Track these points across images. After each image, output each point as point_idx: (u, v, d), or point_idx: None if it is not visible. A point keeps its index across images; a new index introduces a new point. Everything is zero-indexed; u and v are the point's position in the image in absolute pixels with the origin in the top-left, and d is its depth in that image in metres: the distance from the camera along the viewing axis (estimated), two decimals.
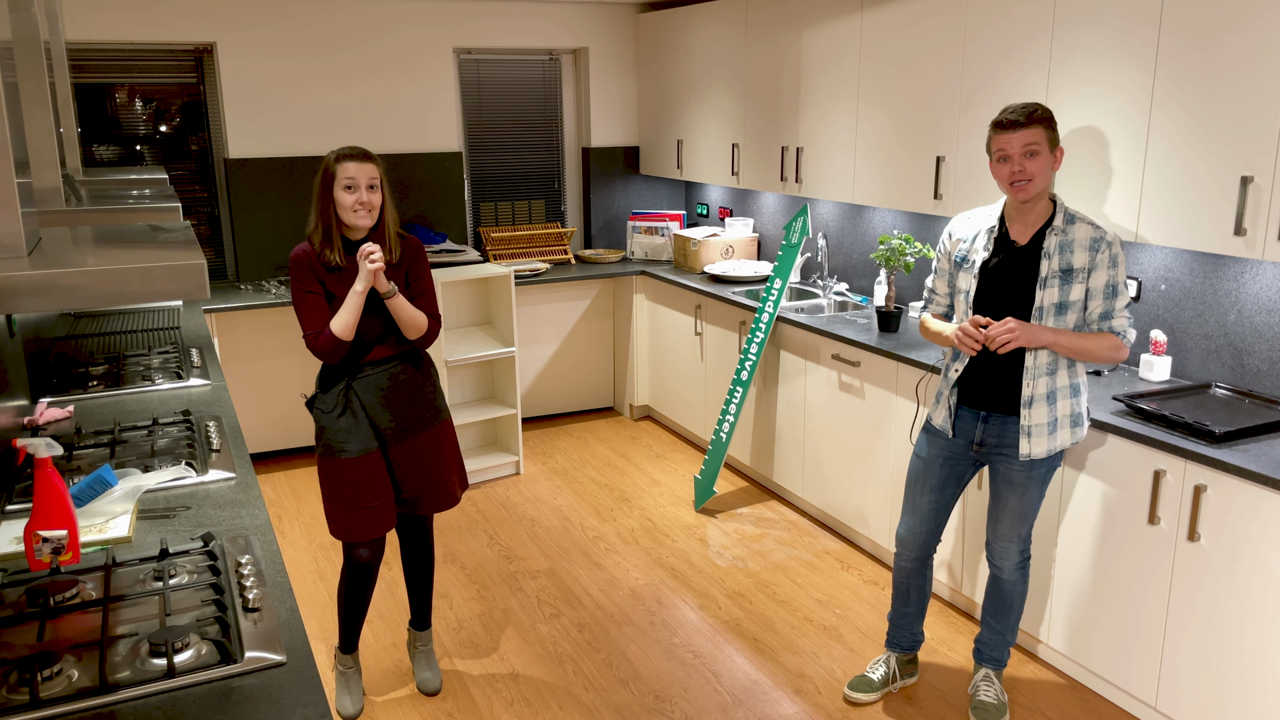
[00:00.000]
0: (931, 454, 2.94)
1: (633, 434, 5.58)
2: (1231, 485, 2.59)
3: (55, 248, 1.61)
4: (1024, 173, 2.61)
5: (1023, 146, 2.60)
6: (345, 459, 2.88)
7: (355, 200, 2.75)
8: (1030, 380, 2.73)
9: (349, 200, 2.75)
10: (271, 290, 5.01)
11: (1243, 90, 2.70)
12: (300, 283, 2.81)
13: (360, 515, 2.91)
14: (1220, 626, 2.67)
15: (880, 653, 3.35)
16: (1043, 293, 2.68)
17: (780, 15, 4.57)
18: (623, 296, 5.72)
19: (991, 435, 2.83)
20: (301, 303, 2.81)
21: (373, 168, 2.78)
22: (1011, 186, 2.65)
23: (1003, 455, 2.83)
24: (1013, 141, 2.61)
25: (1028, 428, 2.74)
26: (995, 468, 2.87)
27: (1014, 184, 2.64)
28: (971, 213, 2.88)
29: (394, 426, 2.91)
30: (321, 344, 2.78)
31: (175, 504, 2.34)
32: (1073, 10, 3.16)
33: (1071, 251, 2.66)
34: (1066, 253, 2.66)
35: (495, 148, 5.86)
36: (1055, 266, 2.67)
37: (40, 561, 1.96)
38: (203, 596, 1.86)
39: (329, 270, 2.82)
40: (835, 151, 4.33)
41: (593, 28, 5.81)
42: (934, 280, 2.96)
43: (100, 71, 4.93)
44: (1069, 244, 2.66)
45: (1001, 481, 2.87)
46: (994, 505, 2.91)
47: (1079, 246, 2.66)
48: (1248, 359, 3.10)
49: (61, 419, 2.96)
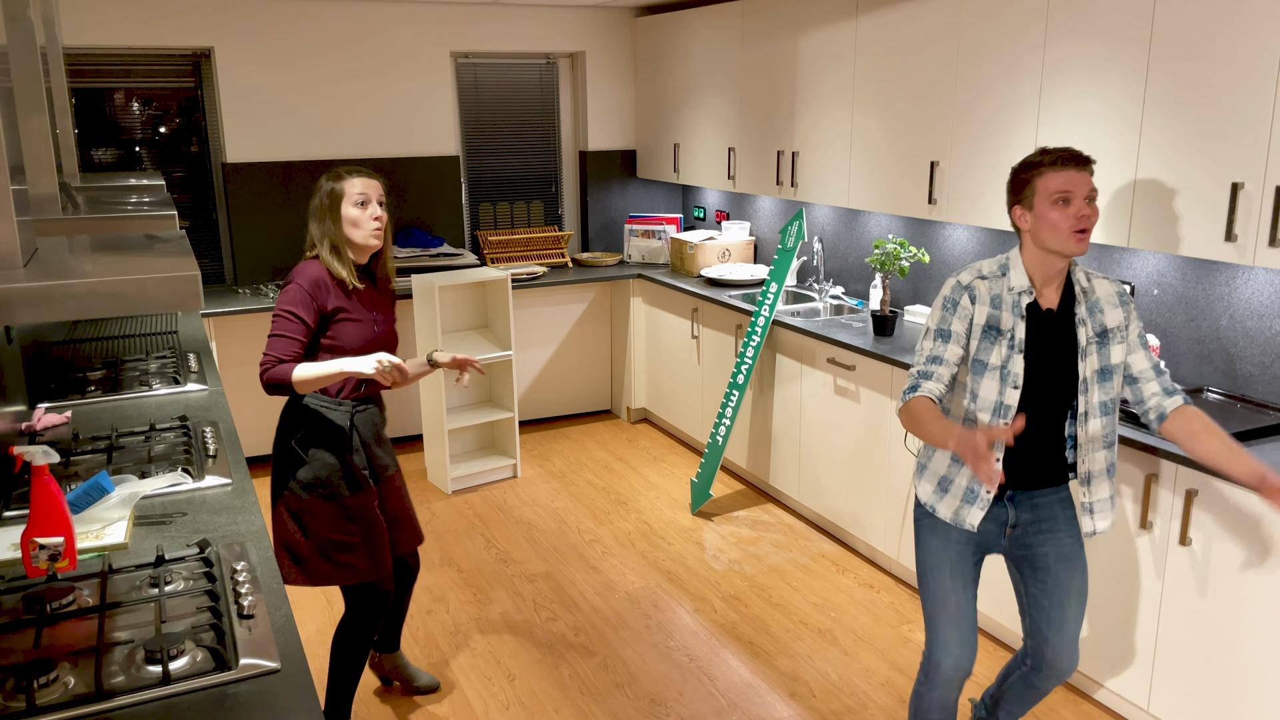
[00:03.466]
0: (959, 551, 2.44)
1: (630, 437, 5.60)
2: (1223, 490, 2.61)
3: (51, 258, 1.62)
4: (1090, 219, 2.22)
5: (1089, 189, 2.23)
6: (356, 496, 2.73)
7: (372, 218, 2.61)
8: (1086, 455, 2.39)
9: (365, 218, 2.61)
10: (269, 294, 5.03)
11: (1232, 98, 2.72)
12: (297, 304, 2.57)
13: (384, 547, 2.79)
14: (1213, 631, 2.69)
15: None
16: (1084, 363, 2.33)
17: (776, 20, 4.59)
18: (620, 300, 5.73)
19: (1025, 513, 2.43)
20: (285, 324, 2.58)
21: (380, 184, 2.67)
22: (1078, 235, 2.22)
23: (1050, 533, 2.43)
24: (1078, 183, 2.22)
25: (1089, 504, 2.40)
26: (1039, 550, 2.44)
27: (1081, 231, 2.22)
28: (981, 267, 2.39)
29: (385, 465, 2.85)
30: (274, 378, 2.54)
31: (172, 510, 2.35)
32: (1065, 19, 3.18)
33: (1102, 311, 2.35)
34: (1098, 314, 2.34)
35: (493, 151, 5.88)
36: (1091, 332, 2.33)
37: (37, 568, 1.97)
38: (198, 603, 1.88)
39: (346, 293, 2.66)
40: (831, 156, 4.35)
41: (589, 32, 5.83)
42: (940, 347, 2.35)
43: (98, 76, 4.94)
44: (1097, 303, 2.35)
45: (1056, 561, 2.43)
46: (1052, 594, 2.45)
47: (1107, 304, 2.35)
48: (1239, 364, 3.12)
49: (59, 424, 2.98)
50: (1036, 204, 2.26)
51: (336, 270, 2.62)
